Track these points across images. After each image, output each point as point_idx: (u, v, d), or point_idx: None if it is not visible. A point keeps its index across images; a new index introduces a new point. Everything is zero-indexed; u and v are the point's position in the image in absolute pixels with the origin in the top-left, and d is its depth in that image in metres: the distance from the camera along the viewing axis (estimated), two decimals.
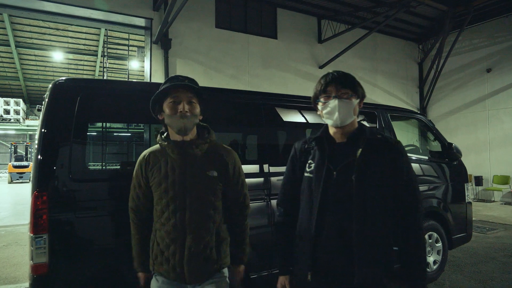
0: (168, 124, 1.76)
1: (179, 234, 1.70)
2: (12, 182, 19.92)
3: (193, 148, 1.75)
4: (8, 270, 4.45)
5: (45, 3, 7.52)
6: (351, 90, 1.58)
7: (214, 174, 1.78)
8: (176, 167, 1.74)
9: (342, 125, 1.59)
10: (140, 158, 1.85)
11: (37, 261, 2.13)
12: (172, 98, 1.71)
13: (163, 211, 1.73)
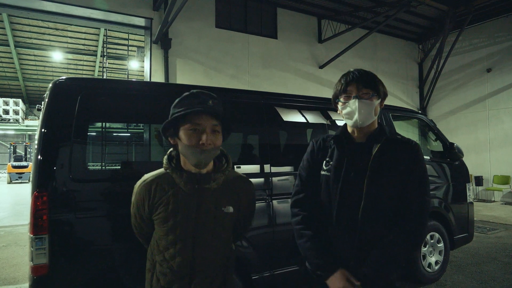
0: (183, 154, 1.49)
1: (185, 273, 1.49)
2: (11, 183, 19.90)
3: (210, 182, 1.50)
4: (7, 271, 4.43)
5: (45, 3, 7.49)
6: (372, 90, 1.53)
7: (230, 210, 1.55)
8: (188, 202, 1.49)
9: (362, 126, 1.54)
10: (140, 185, 1.55)
11: (37, 262, 2.11)
12: (193, 125, 1.42)
13: (168, 248, 1.50)
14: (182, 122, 1.44)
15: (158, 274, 1.52)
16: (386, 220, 1.49)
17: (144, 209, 1.54)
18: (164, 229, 1.50)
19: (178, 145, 1.49)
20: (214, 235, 1.53)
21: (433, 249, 4.08)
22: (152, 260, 1.56)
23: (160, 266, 1.52)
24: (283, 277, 2.93)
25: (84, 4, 7.60)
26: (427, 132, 4.57)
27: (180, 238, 1.48)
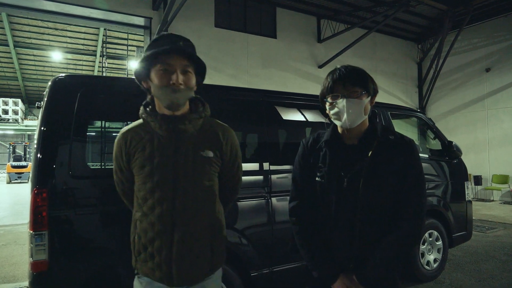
0: (155, 96, 1.47)
1: (166, 227, 1.43)
2: (11, 182, 19.89)
3: (185, 123, 1.46)
4: (7, 269, 4.44)
5: (45, 2, 7.51)
6: (361, 88, 1.43)
7: (209, 154, 1.50)
8: (165, 146, 1.45)
9: (352, 126, 1.46)
10: (118, 136, 1.54)
11: (37, 258, 2.12)
12: (164, 65, 1.40)
13: (146, 198, 1.45)
14: (153, 63, 1.42)
15: (140, 232, 1.47)
16: (384, 221, 1.46)
17: (122, 158, 1.51)
18: (141, 176, 1.46)
19: (151, 87, 1.46)
20: (195, 184, 1.47)
21: (431, 247, 4.10)
22: (133, 222, 1.52)
23: (140, 223, 1.47)
24: (282, 274, 2.94)
25: (84, 3, 7.61)
26: (426, 130, 4.58)
27: (158, 185, 1.43)
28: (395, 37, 12.38)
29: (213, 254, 1.53)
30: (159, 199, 1.43)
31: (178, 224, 1.44)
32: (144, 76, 1.47)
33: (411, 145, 1.48)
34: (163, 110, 1.47)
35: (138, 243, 1.48)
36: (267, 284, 2.89)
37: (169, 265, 1.43)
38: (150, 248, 1.45)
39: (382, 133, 1.49)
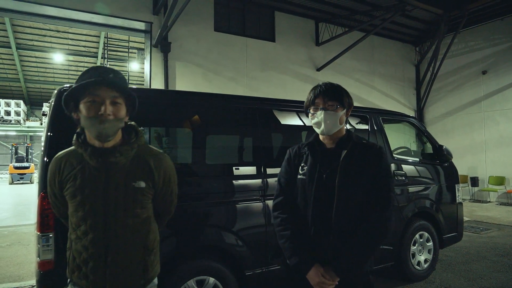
0: (84, 127, 1.46)
1: (99, 250, 1.47)
2: (13, 183, 20.03)
3: (116, 156, 1.47)
4: (12, 269, 4.58)
5: (46, 8, 7.65)
6: (337, 102, 1.70)
7: (141, 185, 1.52)
8: (96, 177, 1.47)
9: (328, 134, 1.72)
10: (52, 162, 1.56)
11: (44, 258, 2.27)
12: (92, 96, 1.40)
13: (79, 224, 1.49)
14: (82, 95, 1.42)
15: (74, 252, 1.52)
16: (358, 216, 1.65)
17: (55, 185, 1.55)
18: (73, 204, 1.49)
19: (80, 118, 1.46)
20: (127, 212, 1.50)
21: (422, 248, 4.23)
22: (70, 240, 1.56)
23: (75, 244, 1.51)
24: (276, 274, 3.08)
25: (85, 9, 7.75)
26: (418, 135, 4.71)
27: (89, 214, 1.46)
28: (393, 40, 12.51)
29: (146, 270, 1.59)
30: (90, 226, 1.47)
31: (111, 247, 1.48)
32: (74, 107, 1.47)
33: (381, 150, 1.75)
34: (93, 141, 1.48)
35: (73, 263, 1.52)
36: (261, 283, 3.02)
37: (103, 284, 1.49)
38: (84, 269, 1.49)
39: (356, 138, 1.76)
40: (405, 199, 4.01)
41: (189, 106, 3.08)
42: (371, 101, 11.68)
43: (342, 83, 5.72)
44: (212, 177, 3.01)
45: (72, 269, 1.53)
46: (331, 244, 1.63)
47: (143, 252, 1.58)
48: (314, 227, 1.67)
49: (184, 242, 2.75)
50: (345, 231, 1.63)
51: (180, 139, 3.31)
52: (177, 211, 2.69)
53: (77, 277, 1.52)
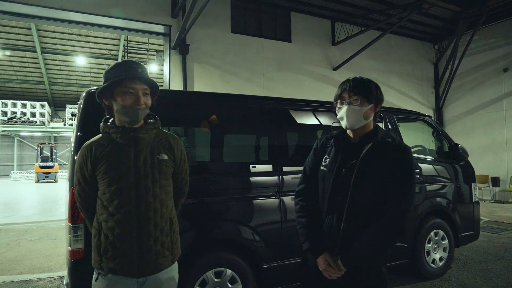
0: (118, 113, 1.69)
1: (132, 223, 1.63)
2: (39, 182, 20.75)
3: (143, 133, 1.71)
4: (41, 261, 4.85)
5: (71, 13, 7.98)
6: (362, 96, 1.68)
7: (164, 157, 1.77)
8: (127, 152, 1.69)
9: (352, 128, 1.72)
10: (82, 149, 1.75)
11: (74, 247, 2.45)
12: (128, 89, 1.66)
13: (112, 199, 1.64)
14: (118, 86, 1.66)
15: (106, 231, 1.65)
16: (370, 212, 1.65)
17: (87, 167, 1.70)
18: (106, 181, 1.65)
19: (113, 105, 1.70)
20: (155, 183, 1.70)
21: (437, 246, 4.25)
22: (98, 224, 1.69)
23: (106, 223, 1.65)
24: (291, 267, 3.19)
25: (107, 13, 8.06)
26: (433, 133, 4.73)
27: (123, 186, 1.64)
28: (410, 38, 12.39)
29: (173, 245, 1.77)
30: (124, 198, 1.64)
31: (143, 219, 1.65)
32: (108, 95, 1.70)
33: (406, 150, 1.70)
34: (122, 123, 1.71)
35: (106, 242, 1.64)
36: (277, 276, 3.14)
37: (137, 258, 1.63)
38: (119, 244, 1.62)
39: (382, 135, 1.73)
40: (420, 197, 4.05)
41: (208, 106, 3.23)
42: (388, 100, 11.60)
43: None
44: (230, 174, 3.14)
45: (105, 249, 1.64)
46: (341, 236, 1.67)
47: (170, 226, 1.76)
48: (327, 218, 1.73)
49: (204, 235, 2.90)
50: (355, 225, 1.65)
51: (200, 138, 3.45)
52: (197, 205, 2.86)
53: (109, 257, 1.64)
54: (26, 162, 27.63)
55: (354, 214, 1.66)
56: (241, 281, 2.97)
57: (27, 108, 22.10)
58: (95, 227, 1.71)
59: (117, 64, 1.74)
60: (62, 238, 6.16)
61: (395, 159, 1.65)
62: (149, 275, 1.68)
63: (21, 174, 24.10)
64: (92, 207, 1.75)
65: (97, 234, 1.69)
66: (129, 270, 1.64)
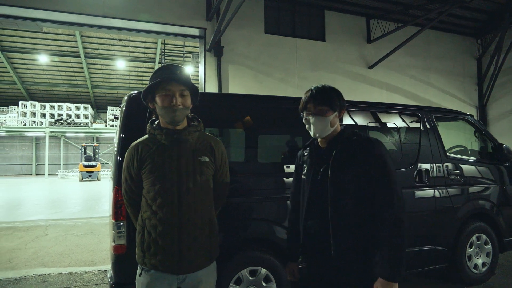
0: (160, 115, 1.80)
1: (174, 221, 1.70)
2: (83, 180, 21.86)
3: (185, 135, 1.78)
4: (86, 255, 5.15)
5: (112, 20, 8.39)
6: (326, 106, 1.74)
7: (205, 159, 1.82)
8: (170, 153, 1.76)
9: (320, 137, 1.80)
10: (129, 149, 1.86)
11: (118, 242, 2.58)
12: (165, 90, 1.73)
13: (156, 198, 1.72)
14: (157, 89, 1.75)
15: (149, 228, 1.73)
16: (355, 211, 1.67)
17: (133, 165, 1.79)
18: (150, 180, 1.74)
19: (156, 108, 1.80)
20: (196, 183, 1.76)
21: (479, 251, 4.06)
22: (142, 221, 1.78)
23: (149, 220, 1.74)
24: None
25: (146, 19, 8.40)
26: (475, 133, 4.52)
27: (166, 186, 1.72)
28: (451, 33, 11.86)
29: (211, 245, 1.82)
30: (167, 198, 1.71)
31: (183, 218, 1.72)
32: (151, 99, 1.81)
33: (374, 143, 1.71)
34: (166, 125, 1.80)
35: (149, 239, 1.73)
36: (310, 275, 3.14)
37: (178, 255, 1.70)
38: (161, 241, 1.70)
39: (348, 135, 1.78)
40: (461, 200, 3.89)
41: (243, 108, 3.30)
42: (427, 98, 11.20)
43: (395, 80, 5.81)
44: (264, 175, 3.19)
45: (148, 245, 1.73)
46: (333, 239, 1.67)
47: (209, 226, 1.81)
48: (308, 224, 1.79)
49: (239, 234, 2.96)
50: (345, 227, 1.67)
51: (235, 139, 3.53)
52: (233, 205, 2.93)
53: (152, 254, 1.72)
54: (71, 162, 29.21)
55: (339, 215, 1.68)
56: (275, 280, 3.00)
57: (72, 110, 23.45)
58: (140, 224, 1.80)
59: (159, 68, 1.83)
60: (105, 234, 6.50)
61: (364, 154, 1.68)
62: (188, 273, 1.73)
63: (67, 172, 25.50)
64: (137, 205, 1.85)
65: (141, 230, 1.78)
66: (169, 267, 1.70)
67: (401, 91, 11.01)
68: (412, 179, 3.65)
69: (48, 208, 10.34)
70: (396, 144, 3.88)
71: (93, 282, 4.11)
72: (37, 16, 8.13)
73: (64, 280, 4.15)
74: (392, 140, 3.91)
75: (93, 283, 4.06)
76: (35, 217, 8.43)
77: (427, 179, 3.69)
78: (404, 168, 3.64)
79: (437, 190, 3.74)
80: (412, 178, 3.65)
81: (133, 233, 2.58)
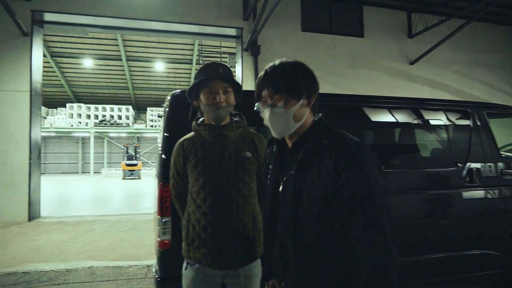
0: (204, 112, 1.83)
1: (217, 215, 1.72)
2: (125, 178, 22.83)
3: (228, 130, 1.80)
4: (130, 250, 5.35)
5: (152, 23, 8.69)
6: (287, 94, 1.24)
7: (248, 155, 1.82)
8: (213, 149, 1.79)
9: (281, 137, 1.32)
10: (176, 145, 1.91)
11: (163, 238, 2.66)
12: (209, 88, 1.76)
13: (199, 192, 1.76)
14: (201, 87, 1.78)
15: (194, 222, 1.77)
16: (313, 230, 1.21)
17: (179, 161, 1.85)
18: (194, 174, 1.78)
19: (200, 105, 1.83)
20: (238, 178, 1.77)
21: None
22: (187, 215, 1.82)
23: (193, 214, 1.77)
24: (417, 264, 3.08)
25: (183, 20, 8.62)
26: None
27: (209, 180, 1.75)
28: (500, 25, 11.15)
29: (255, 241, 1.79)
30: (209, 192, 1.74)
31: (226, 213, 1.73)
32: (195, 97, 1.85)
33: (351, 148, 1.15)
34: (210, 122, 1.83)
35: (193, 232, 1.76)
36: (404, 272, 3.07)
37: (220, 249, 1.71)
38: (204, 235, 1.72)
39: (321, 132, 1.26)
40: None
41: None
42: (474, 94, 10.61)
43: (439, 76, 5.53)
44: None
45: (192, 239, 1.76)
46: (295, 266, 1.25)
47: (252, 222, 1.80)
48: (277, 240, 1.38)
49: None
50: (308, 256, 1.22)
51: None
52: None
53: (195, 247, 1.75)
54: (114, 160, 30.52)
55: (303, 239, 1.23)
56: None
57: (115, 112, 24.46)
58: (185, 218, 1.85)
59: (203, 66, 1.87)
60: (147, 230, 6.72)
61: (337, 162, 1.14)
62: (230, 268, 1.74)
63: (110, 171, 26.67)
64: (184, 199, 1.90)
65: (186, 224, 1.82)
66: (212, 261, 1.72)
67: (445, 87, 10.51)
68: (462, 179, 3.46)
69: (94, 205, 10.88)
70: (444, 142, 3.70)
71: (138, 276, 4.26)
72: (84, 22, 8.57)
73: (111, 273, 4.34)
74: (439, 138, 3.74)
75: (138, 277, 4.21)
76: (83, 213, 8.89)
77: (478, 179, 3.48)
78: (453, 167, 3.47)
79: (489, 191, 3.52)
80: (462, 178, 3.47)
81: (178, 229, 2.67)
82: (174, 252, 2.65)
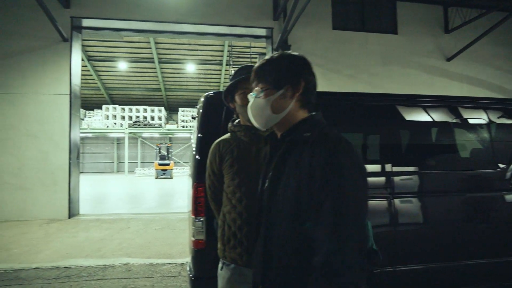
0: (239, 113, 1.88)
1: (252, 216, 1.66)
2: (158, 178, 23.44)
3: (263, 131, 1.71)
4: (164, 248, 5.48)
5: (184, 25, 8.85)
6: (264, 83, 1.22)
7: None
8: (249, 149, 1.81)
9: (263, 129, 1.30)
10: (212, 146, 1.94)
11: (197, 237, 2.70)
12: (243, 89, 1.79)
13: (235, 192, 1.77)
14: (236, 89, 1.85)
15: (229, 222, 1.77)
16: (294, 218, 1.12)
17: (215, 161, 1.87)
18: (230, 175, 1.80)
19: (236, 107, 1.89)
20: None
21: None
22: (223, 216, 1.82)
23: (229, 214, 1.78)
24: (405, 274, 3.01)
25: (214, 22, 8.72)
26: None
27: (244, 181, 1.76)
28: None
29: None
30: (245, 192, 1.74)
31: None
32: (231, 98, 1.91)
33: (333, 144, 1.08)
34: (245, 123, 1.85)
35: (228, 232, 1.77)
36: (389, 281, 2.99)
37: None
38: (239, 235, 1.73)
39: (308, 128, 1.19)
40: None
41: None
42: None
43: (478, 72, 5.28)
44: None
45: (228, 238, 1.77)
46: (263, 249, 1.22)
47: None
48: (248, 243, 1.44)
49: None
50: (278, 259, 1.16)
51: None
52: None
53: (231, 247, 1.75)
54: (147, 160, 31.40)
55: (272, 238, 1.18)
56: None
57: (147, 113, 25.20)
58: (221, 218, 1.87)
59: (238, 68, 1.92)
60: (180, 228, 6.86)
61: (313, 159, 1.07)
62: None
63: (144, 170, 27.47)
64: (220, 200, 1.92)
65: (222, 224, 1.84)
66: (248, 261, 1.70)
67: (485, 84, 10.01)
68: (505, 181, 3.29)
69: (129, 203, 11.23)
70: (486, 142, 3.52)
71: (172, 274, 4.35)
72: (119, 26, 8.88)
73: (146, 271, 4.46)
74: (480, 138, 3.57)
75: (172, 275, 4.30)
76: (118, 211, 9.20)
77: None
78: (496, 169, 3.29)
79: None
80: (505, 181, 3.29)
81: (211, 229, 2.71)
82: (208, 252, 2.69)
